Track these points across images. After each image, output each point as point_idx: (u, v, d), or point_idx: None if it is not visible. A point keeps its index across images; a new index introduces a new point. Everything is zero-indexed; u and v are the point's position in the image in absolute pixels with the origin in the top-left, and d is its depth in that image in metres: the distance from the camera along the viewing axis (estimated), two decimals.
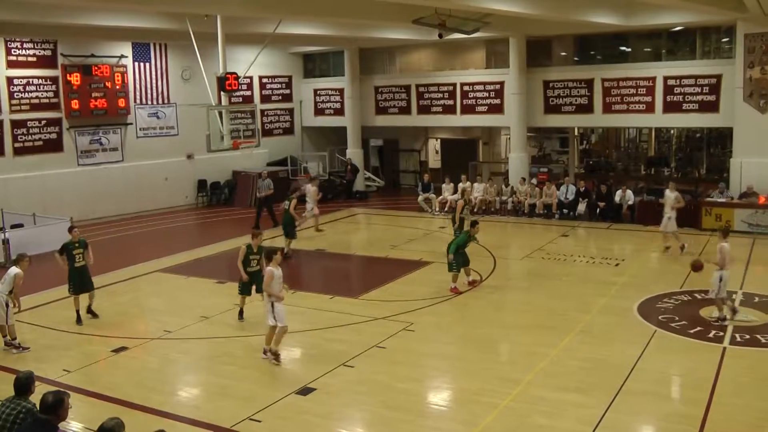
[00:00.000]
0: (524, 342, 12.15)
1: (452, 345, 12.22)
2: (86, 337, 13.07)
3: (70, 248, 13.75)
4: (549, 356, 11.36)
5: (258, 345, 12.19)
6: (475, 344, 12.15)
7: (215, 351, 12.20)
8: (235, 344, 12.49)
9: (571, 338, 12.19)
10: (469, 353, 11.77)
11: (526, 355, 11.55)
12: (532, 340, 12.16)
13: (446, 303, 14.50)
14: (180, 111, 27.26)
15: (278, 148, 30.67)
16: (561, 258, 18.03)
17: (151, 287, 16.59)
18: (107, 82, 24.95)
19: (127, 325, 13.79)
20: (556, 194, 23.46)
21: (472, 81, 27.33)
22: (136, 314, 14.63)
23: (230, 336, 12.86)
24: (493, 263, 17.62)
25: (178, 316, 14.14)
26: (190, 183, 27.96)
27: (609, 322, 13.04)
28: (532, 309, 14.02)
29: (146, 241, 21.85)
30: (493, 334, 12.73)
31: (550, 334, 12.41)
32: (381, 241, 20.73)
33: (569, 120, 25.71)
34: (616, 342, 11.98)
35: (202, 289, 16.24)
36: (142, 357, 12.06)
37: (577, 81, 24.94)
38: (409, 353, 11.71)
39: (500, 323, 13.44)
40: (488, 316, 13.81)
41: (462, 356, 11.69)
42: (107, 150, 25.39)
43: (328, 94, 31.36)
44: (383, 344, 12.09)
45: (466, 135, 31.36)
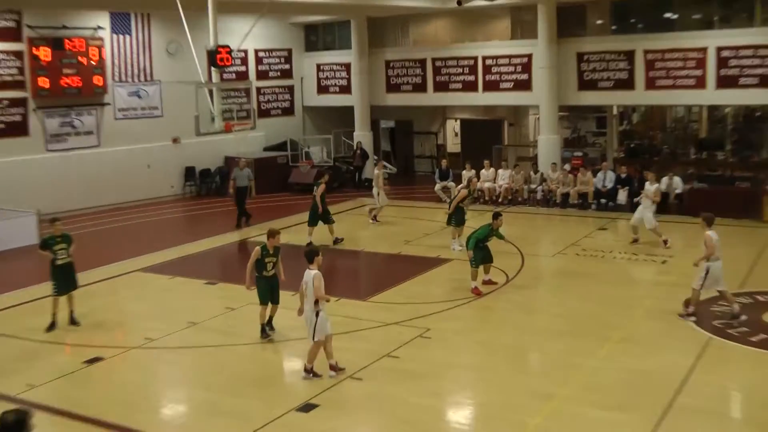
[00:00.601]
0: (557, 351, 12.02)
1: (475, 354, 12.11)
2: (54, 346, 12.98)
3: (51, 243, 13.64)
4: (586, 368, 11.23)
5: (252, 353, 12.06)
6: (501, 353, 12.03)
7: (205, 361, 12.10)
8: (228, 354, 12.37)
9: (612, 347, 12.05)
10: (494, 363, 11.65)
11: (559, 366, 11.42)
12: (566, 349, 12.03)
13: (467, 306, 14.38)
14: (165, 89, 27.21)
15: (276, 130, 30.60)
16: (598, 254, 17.89)
17: (131, 289, 16.51)
18: (81, 57, 24.86)
19: (103, 333, 13.68)
20: (592, 182, 23.31)
21: (495, 54, 27.17)
22: (113, 320, 14.51)
23: (222, 344, 12.75)
24: (521, 260, 17.48)
25: (161, 321, 14.03)
26: (176, 171, 27.93)
27: (655, 328, 12.90)
28: (566, 313, 13.89)
29: (126, 236, 21.80)
30: (521, 342, 12.60)
31: (587, 341, 12.28)
32: (393, 235, 20.63)
33: (607, 97, 25.51)
34: (664, 351, 11.83)
35: (189, 290, 16.16)
36: (120, 369, 11.95)
37: (615, 53, 24.71)
38: (426, 363, 11.60)
39: (529, 329, 13.30)
40: (516, 320, 13.70)
41: (486, 367, 11.57)
42: (81, 134, 25.32)
43: (333, 70, 31.25)
44: (396, 353, 11.98)
45: (489, 115, 31.19)
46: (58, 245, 13.66)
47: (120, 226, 23.20)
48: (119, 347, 12.81)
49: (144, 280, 17.10)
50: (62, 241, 13.72)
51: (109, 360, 12.22)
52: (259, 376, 11.39)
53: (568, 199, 23.63)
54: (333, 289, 15.82)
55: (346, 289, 15.89)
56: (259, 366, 11.82)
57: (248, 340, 12.75)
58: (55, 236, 13.72)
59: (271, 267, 12.74)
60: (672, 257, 17.46)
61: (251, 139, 28.49)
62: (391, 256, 18.70)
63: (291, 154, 29.43)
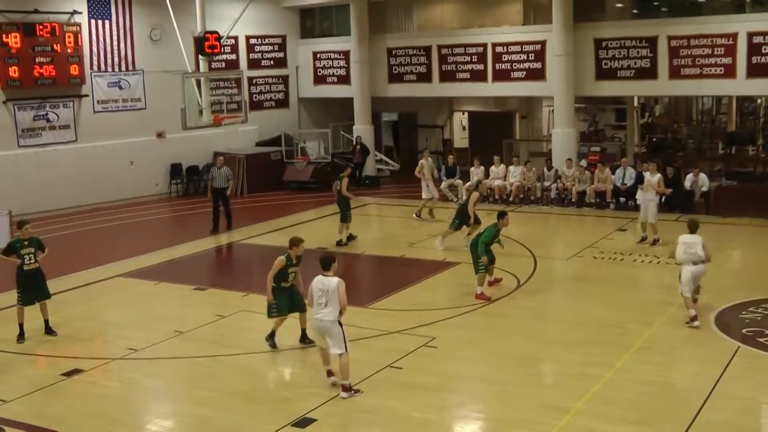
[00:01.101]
0: (572, 361, 12.04)
1: (483, 365, 12.12)
2: (29, 357, 12.99)
3: (18, 247, 13.68)
4: (603, 379, 11.24)
5: (245, 365, 12.10)
6: (512, 364, 12.05)
7: (193, 374, 12.12)
8: (218, 365, 12.40)
9: (631, 356, 12.06)
10: (504, 375, 11.67)
11: (574, 377, 11.44)
12: (581, 359, 12.05)
13: (476, 313, 14.40)
14: (148, 79, 27.25)
15: (270, 124, 30.64)
16: (617, 257, 17.91)
17: (112, 296, 16.53)
18: (56, 44, 24.84)
19: (82, 343, 13.69)
20: (610, 179, 23.31)
21: (506, 41, 27.17)
22: (92, 329, 14.54)
23: (211, 355, 12.78)
24: (533, 264, 17.51)
25: (145, 330, 14.04)
26: (161, 168, 27.97)
27: (678, 336, 12.92)
28: (582, 320, 13.91)
29: (106, 239, 21.83)
30: (533, 351, 12.62)
31: (605, 351, 12.30)
32: (395, 237, 20.65)
33: (627, 87, 25.51)
34: (687, 361, 11.88)
35: (175, 297, 16.18)
36: (101, 382, 11.97)
37: (636, 39, 24.71)
38: (431, 375, 11.62)
39: (542, 337, 13.33)
40: (528, 328, 13.72)
41: (496, 378, 11.58)
42: (56, 128, 25.34)
43: (331, 59, 31.28)
44: (398, 364, 12.01)
45: (499, 107, 31.19)
46: (25, 249, 13.62)
47: (100, 228, 23.21)
48: (99, 358, 12.81)
49: (126, 285, 17.11)
50: (30, 245, 13.70)
51: (89, 372, 12.21)
52: (252, 390, 11.40)
53: (584, 197, 23.63)
54: None
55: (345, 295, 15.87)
56: (252, 378, 11.84)
57: (240, 351, 12.77)
58: (22, 240, 13.70)
59: (293, 277, 12.64)
60: None
61: (242, 134, 28.52)
62: (394, 259, 18.71)
63: (285, 149, 29.46)
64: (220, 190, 21.64)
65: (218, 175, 21.69)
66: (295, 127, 31.69)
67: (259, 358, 12.59)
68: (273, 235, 20.94)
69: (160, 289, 16.81)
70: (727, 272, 16.70)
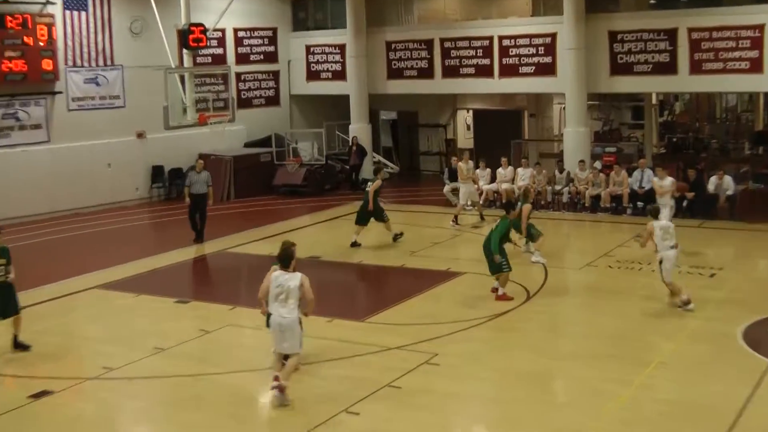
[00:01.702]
0: (587, 377, 12.00)
1: (490, 382, 12.08)
2: None
3: None
4: (621, 397, 11.19)
5: (231, 384, 12.06)
6: (521, 381, 12.00)
7: (176, 394, 12.06)
8: (204, 384, 12.33)
9: (651, 373, 12.02)
10: (512, 393, 11.62)
11: (589, 395, 11.39)
12: (597, 375, 12.01)
13: (482, 327, 14.34)
14: (128, 75, 27.25)
15: (259, 123, 30.65)
16: (635, 266, 17.86)
17: (87, 309, 16.46)
18: (27, 36, 24.75)
19: (53, 361, 13.59)
20: (627, 182, 23.29)
21: (514, 33, 27.19)
22: (65, 346, 14.44)
23: (196, 374, 12.70)
24: (544, 273, 17.46)
25: (123, 347, 13.96)
26: (141, 171, 27.95)
27: (702, 351, 12.89)
28: (597, 334, 13.90)
29: (82, 248, 21.77)
30: (544, 368, 12.57)
31: (622, 367, 12.25)
32: (395, 245, 20.61)
33: (644, 83, 25.52)
34: (713, 378, 11.80)
35: (156, 310, 16.12)
36: (74, 404, 11.87)
37: (654, 31, 24.70)
38: (433, 394, 11.57)
39: (554, 353, 13.28)
40: (538, 343, 13.68)
41: (503, 397, 11.54)
42: (27, 128, 25.28)
43: (325, 53, 31.29)
44: (398, 383, 11.94)
45: (506, 105, 31.19)
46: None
47: (75, 235, 23.17)
48: (72, 378, 12.71)
49: (103, 298, 17.03)
50: (1, 256, 13.60)
51: (60, 393, 12.11)
52: (240, 411, 11.32)
53: (599, 202, 23.59)
54: (325, 308, 15.82)
55: (340, 307, 15.86)
56: (239, 399, 11.74)
57: (227, 369, 12.69)
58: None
59: None
60: (722, 269, 17.44)
61: (229, 134, 28.48)
62: (393, 269, 18.66)
63: (276, 150, 29.45)
64: (199, 196, 21.25)
65: (197, 180, 21.28)
66: (286, 126, 31.68)
67: (247, 377, 12.53)
68: (262, 243, 20.86)
69: (139, 301, 16.72)
70: (755, 282, 16.70)
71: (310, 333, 14.01)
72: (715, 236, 20.75)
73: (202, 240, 21.33)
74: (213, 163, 27.64)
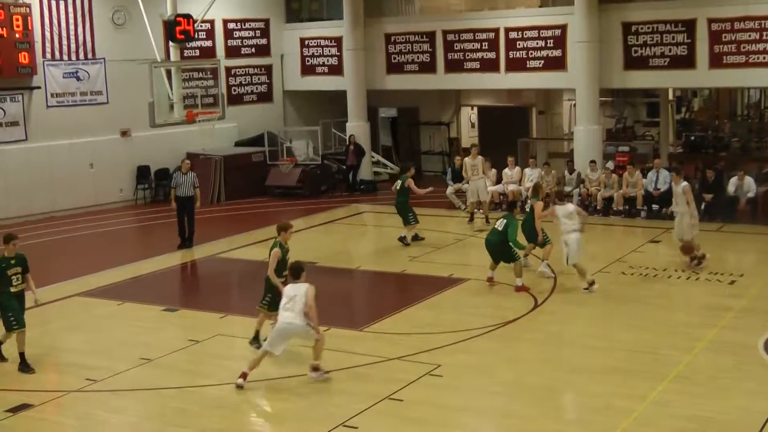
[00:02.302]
0: (598, 392, 12.01)
1: (495, 396, 12.09)
2: None
3: (4, 267, 13.57)
4: (634, 413, 11.20)
5: (222, 397, 12.10)
6: (528, 395, 12.03)
7: (162, 408, 12.06)
8: (192, 397, 12.37)
9: (666, 387, 12.03)
10: (519, 408, 11.64)
11: (601, 410, 11.41)
12: (609, 390, 12.02)
13: (487, 337, 14.37)
14: (110, 69, 27.24)
15: (251, 120, 30.66)
16: (649, 273, 17.90)
17: (68, 318, 16.47)
18: (1, 28, 24.72)
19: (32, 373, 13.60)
20: (641, 183, 23.32)
21: (521, 25, 27.20)
22: (45, 356, 14.42)
23: (184, 386, 12.76)
24: (553, 280, 17.48)
25: (106, 358, 14.00)
26: (125, 171, 27.96)
27: (722, 364, 12.89)
28: (609, 345, 13.90)
29: (62, 253, 21.78)
30: (553, 381, 12.59)
31: (636, 380, 12.26)
32: (395, 250, 20.63)
33: (660, 78, 25.49)
34: (733, 393, 11.81)
35: (142, 319, 16.14)
36: (54, 418, 11.91)
37: (671, 23, 24.71)
38: (435, 408, 11.60)
39: (564, 365, 13.30)
40: (546, 355, 13.69)
41: (509, 412, 11.56)
42: (2, 125, 25.25)
43: (321, 46, 31.30)
44: (398, 395, 11.97)
45: (513, 101, 31.18)
46: (12, 269, 13.57)
47: (54, 240, 23.18)
48: (52, 391, 12.75)
49: (85, 306, 17.06)
50: (17, 264, 13.66)
51: (39, 408, 12.13)
52: (229, 426, 11.36)
53: (611, 204, 23.61)
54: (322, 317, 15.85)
55: (337, 316, 15.82)
56: (229, 413, 11.78)
57: (216, 381, 12.71)
58: (8, 258, 13.63)
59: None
60: (742, 276, 17.44)
61: (220, 132, 28.54)
62: (393, 275, 18.67)
63: (269, 150, 29.45)
64: (185, 199, 21.26)
65: (183, 181, 21.24)
66: (280, 124, 31.70)
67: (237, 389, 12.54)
68: (254, 248, 20.90)
69: (123, 309, 16.75)
70: None
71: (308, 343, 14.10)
72: (736, 240, 20.76)
73: (190, 246, 21.35)
74: (202, 163, 27.69)
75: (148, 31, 23.39)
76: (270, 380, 12.70)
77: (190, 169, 21.60)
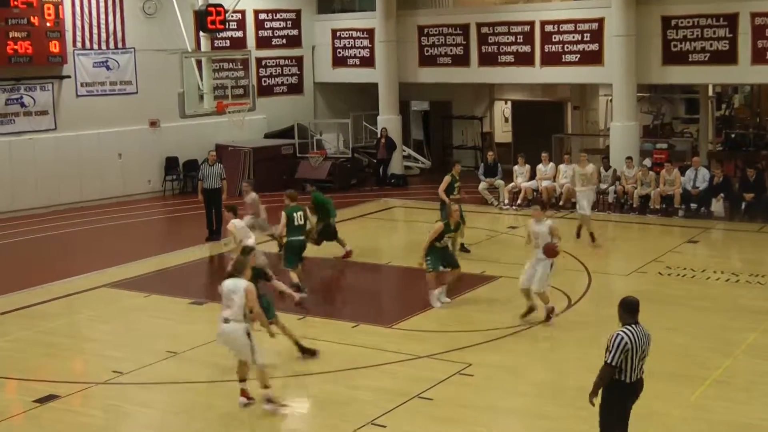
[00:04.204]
0: None
1: (528, 397, 12.05)
2: None
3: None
4: (672, 417, 11.14)
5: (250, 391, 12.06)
6: (562, 397, 11.93)
7: (188, 402, 12.10)
8: (219, 392, 12.37)
9: (705, 392, 11.96)
10: (552, 409, 11.58)
11: (637, 415, 11.19)
12: (645, 393, 11.76)
13: (519, 336, 14.33)
14: (140, 59, 27.36)
15: (281, 112, 30.71)
16: (687, 274, 17.79)
17: (95, 309, 16.54)
18: (33, 17, 24.86)
19: (59, 364, 13.72)
20: (679, 181, 23.15)
21: (557, 18, 27.11)
22: (71, 348, 14.58)
23: (211, 380, 12.76)
24: (587, 280, 17.43)
25: (133, 350, 14.06)
26: (154, 162, 28.08)
27: (763, 368, 12.80)
28: None
29: (89, 244, 21.89)
30: (588, 383, 12.37)
31: (673, 385, 12.16)
32: None
33: (700, 74, 25.32)
34: None
35: (169, 312, 16.23)
36: (80, 410, 11.95)
37: (713, 16, 24.51)
38: (466, 408, 11.56)
39: (598, 366, 13.07)
40: (580, 355, 13.52)
41: (542, 413, 11.51)
42: (32, 114, 25.43)
43: (353, 37, 31.31)
44: (428, 394, 11.95)
45: (548, 96, 31.08)
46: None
47: (82, 230, 23.30)
48: (78, 383, 12.81)
49: (112, 297, 17.14)
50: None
51: (66, 399, 12.20)
52: (256, 421, 11.37)
53: (648, 203, 23.46)
54: (350, 312, 15.90)
55: (365, 312, 15.89)
56: (256, 408, 11.76)
57: None
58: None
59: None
60: None
61: (249, 124, 28.49)
62: (423, 272, 18.61)
63: (299, 142, 29.49)
64: (212, 191, 21.37)
65: (209, 173, 21.41)
66: (310, 116, 31.73)
67: None
68: None
69: (150, 302, 16.82)
70: None
71: (337, 339, 14.13)
72: None
73: (218, 238, 21.37)
74: (231, 155, 27.80)
75: (179, 21, 23.47)
76: (297, 376, 12.71)
77: (217, 161, 21.67)
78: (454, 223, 16.15)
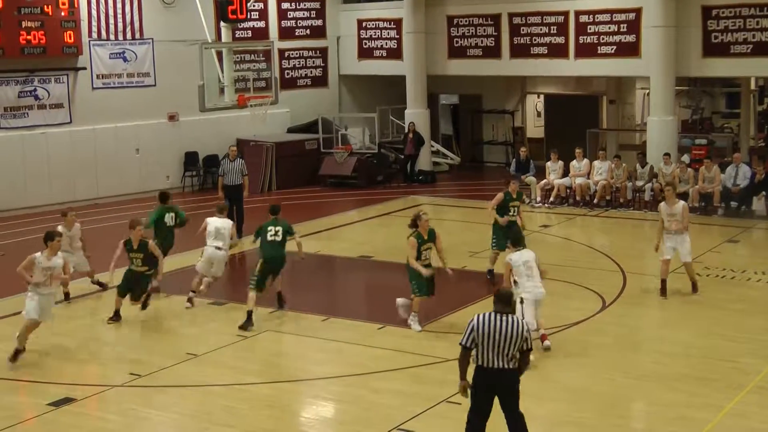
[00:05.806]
0: (670, 401, 11.91)
1: (558, 403, 12.05)
2: (9, 383, 13.10)
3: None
4: (710, 424, 11.11)
5: (271, 395, 12.18)
6: (594, 402, 11.96)
7: (208, 406, 12.17)
8: (240, 395, 12.45)
9: (745, 397, 11.91)
10: (583, 416, 11.58)
11: (673, 420, 11.32)
12: (682, 399, 11.93)
13: (550, 339, 14.20)
14: (158, 50, 27.49)
15: (304, 106, 30.78)
16: (727, 274, 17.75)
17: (113, 309, 16.39)
18: (47, 5, 24.91)
19: (75, 366, 13.81)
20: (719, 179, 23.08)
21: (593, 8, 27.04)
22: (88, 349, 14.68)
23: (232, 383, 12.84)
24: (622, 280, 17.41)
25: (152, 352, 14.17)
26: (173, 157, 28.21)
27: None
28: (683, 351, 13.79)
29: (106, 241, 21.87)
30: (621, 388, 12.52)
31: (711, 390, 12.16)
32: (455, 245, 20.52)
33: (742, 66, 25.25)
34: None
35: (188, 312, 16.33)
36: (96, 413, 12.05)
37: (755, 6, 24.41)
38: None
39: (633, 371, 13.20)
40: (614, 359, 13.60)
41: (573, 420, 11.49)
42: (47, 107, 25.54)
43: (379, 28, 31.33)
44: (456, 398, 11.84)
45: (582, 89, 31.01)
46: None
47: (98, 227, 23.37)
48: (95, 385, 12.92)
49: None
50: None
51: (83, 402, 12.30)
52: (278, 426, 11.44)
53: (686, 200, 23.35)
54: (376, 313, 15.93)
55: (392, 313, 15.88)
56: (279, 413, 11.88)
57: (265, 379, 12.84)
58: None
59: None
60: None
61: (272, 118, 28.53)
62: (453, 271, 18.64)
63: (323, 137, 29.56)
64: (233, 187, 21.48)
65: (230, 169, 21.50)
66: (334, 110, 31.80)
67: (286, 388, 12.63)
68: (306, 240, 20.89)
69: (170, 302, 16.93)
70: None
71: (361, 341, 14.18)
72: None
73: (239, 236, 21.46)
74: (253, 150, 27.86)
75: (198, 11, 23.57)
76: (322, 379, 12.77)
77: (238, 156, 21.74)
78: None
